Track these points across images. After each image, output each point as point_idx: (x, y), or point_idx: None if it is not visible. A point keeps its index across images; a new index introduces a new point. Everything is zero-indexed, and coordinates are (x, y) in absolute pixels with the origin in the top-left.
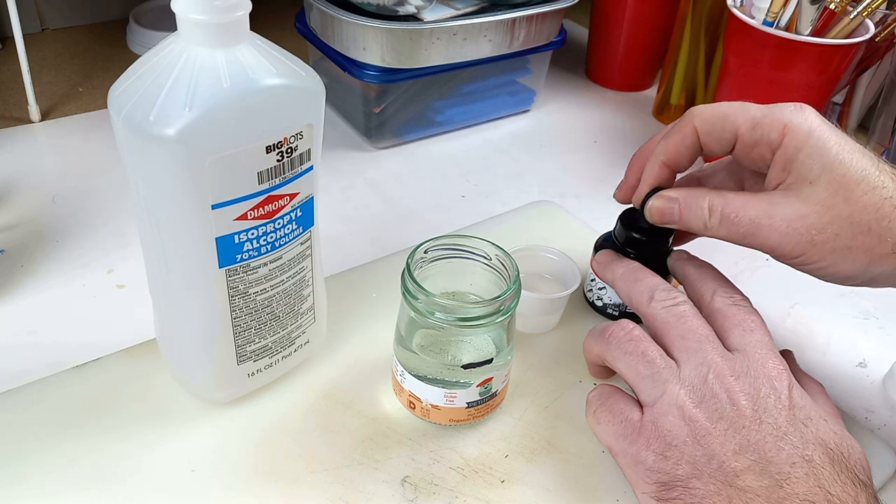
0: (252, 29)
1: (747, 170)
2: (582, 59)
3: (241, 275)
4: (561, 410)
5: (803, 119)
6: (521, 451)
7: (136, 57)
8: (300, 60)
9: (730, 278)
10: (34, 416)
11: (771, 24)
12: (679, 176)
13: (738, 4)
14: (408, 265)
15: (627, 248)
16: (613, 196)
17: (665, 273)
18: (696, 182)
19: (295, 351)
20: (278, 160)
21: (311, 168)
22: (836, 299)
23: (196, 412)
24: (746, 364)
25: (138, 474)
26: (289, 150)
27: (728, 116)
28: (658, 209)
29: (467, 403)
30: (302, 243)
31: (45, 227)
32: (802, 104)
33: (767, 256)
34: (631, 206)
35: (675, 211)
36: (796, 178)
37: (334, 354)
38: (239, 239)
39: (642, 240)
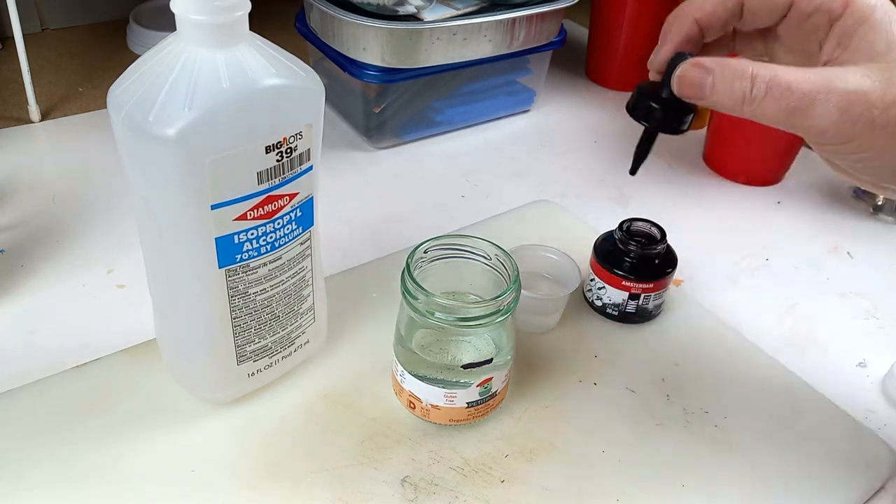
0: (252, 29)
1: (782, 50)
2: (582, 59)
3: (240, 275)
4: (561, 410)
5: None
6: (521, 451)
7: (136, 57)
8: (300, 60)
9: (730, 278)
10: (34, 416)
11: None
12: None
13: None
14: (408, 265)
15: (642, 120)
16: (648, 64)
17: (663, 270)
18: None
19: (295, 351)
20: (278, 160)
21: (310, 168)
22: (836, 299)
23: (196, 412)
24: None
25: (138, 474)
26: (288, 151)
27: None
28: (688, 79)
29: (467, 403)
30: (302, 243)
31: (45, 227)
32: None
33: (768, 256)
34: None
35: (707, 83)
36: (854, 55)
37: (334, 354)
38: (239, 239)
39: (659, 110)
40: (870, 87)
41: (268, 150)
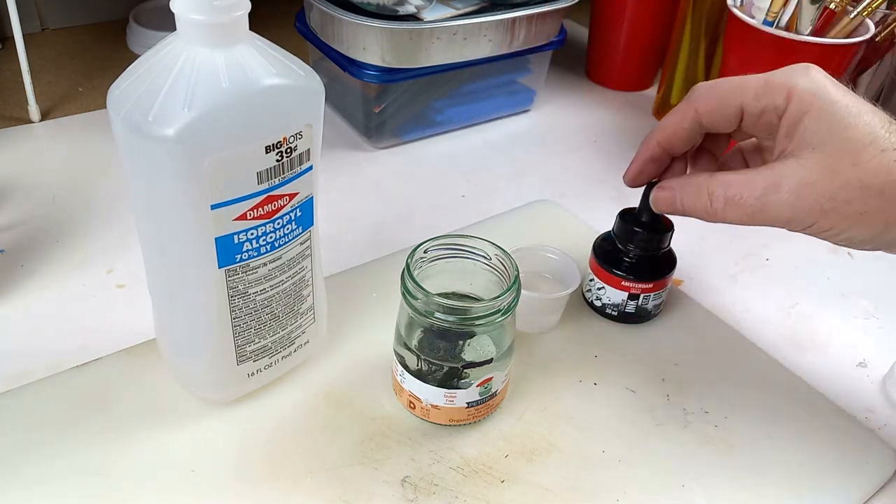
0: (252, 29)
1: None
2: (582, 59)
3: (240, 275)
4: (561, 410)
5: (809, 81)
6: (521, 451)
7: (136, 57)
8: (300, 60)
9: (730, 278)
10: (34, 416)
11: (771, 24)
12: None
13: (738, 4)
14: (407, 265)
15: (628, 244)
16: (622, 178)
17: (663, 271)
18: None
19: (295, 351)
20: (277, 160)
21: (310, 168)
22: (836, 299)
23: (196, 412)
24: None
25: (138, 474)
26: (288, 150)
27: (730, 93)
28: (661, 200)
29: (467, 403)
30: (302, 243)
31: (45, 227)
32: (809, 64)
33: (768, 256)
34: (629, 207)
35: (676, 200)
36: (799, 145)
37: (334, 354)
38: (238, 239)
39: (642, 234)
40: (814, 179)
41: (268, 150)
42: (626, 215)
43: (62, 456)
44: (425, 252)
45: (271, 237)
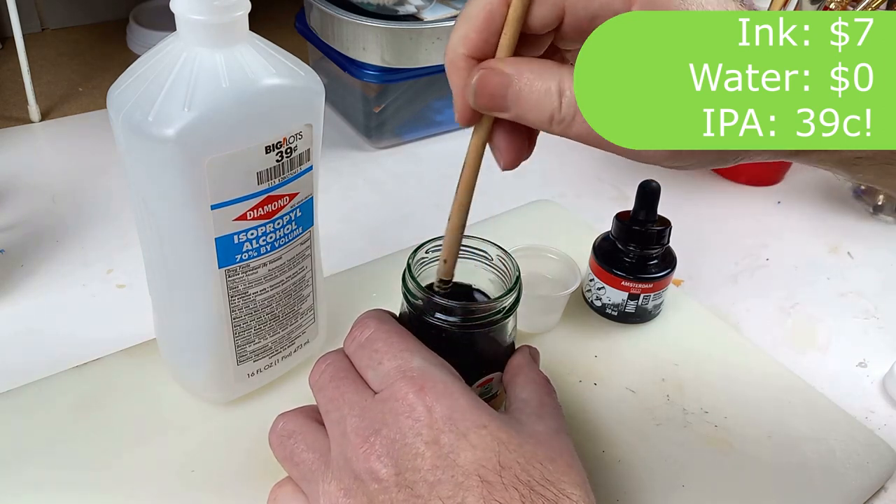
0: (252, 29)
1: None
2: None
3: (240, 275)
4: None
5: None
6: None
7: (136, 57)
8: (300, 60)
9: (730, 278)
10: (34, 416)
11: None
12: None
13: None
14: (408, 265)
15: (628, 244)
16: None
17: (663, 271)
18: None
19: (294, 351)
20: (277, 160)
21: (310, 168)
22: (836, 299)
23: (196, 412)
24: (382, 411)
25: (138, 474)
26: (288, 151)
27: None
28: (489, 86)
29: None
30: (302, 243)
31: (45, 227)
32: None
33: (768, 256)
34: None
35: (509, 91)
36: None
37: None
38: (238, 239)
39: (639, 231)
40: None
41: (268, 150)
42: (621, 218)
43: (61, 455)
44: (426, 252)
45: (271, 237)
